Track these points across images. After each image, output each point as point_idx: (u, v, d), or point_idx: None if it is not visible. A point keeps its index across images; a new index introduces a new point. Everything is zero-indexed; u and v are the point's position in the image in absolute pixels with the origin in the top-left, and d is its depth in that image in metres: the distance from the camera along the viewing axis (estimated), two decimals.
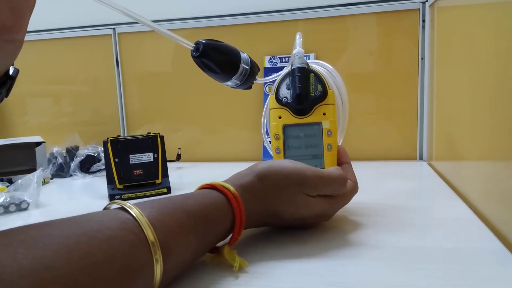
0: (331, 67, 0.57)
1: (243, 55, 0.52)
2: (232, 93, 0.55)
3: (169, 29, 0.46)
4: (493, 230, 0.45)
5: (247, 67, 0.52)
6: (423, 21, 0.92)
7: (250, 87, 0.55)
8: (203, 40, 0.49)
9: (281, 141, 0.52)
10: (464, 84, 0.64)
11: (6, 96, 0.35)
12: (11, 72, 0.34)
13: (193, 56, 0.49)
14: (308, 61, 0.54)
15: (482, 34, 0.54)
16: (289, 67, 0.53)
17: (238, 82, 0.53)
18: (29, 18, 0.30)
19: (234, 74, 0.51)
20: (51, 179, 0.92)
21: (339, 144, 0.58)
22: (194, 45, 0.49)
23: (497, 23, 0.49)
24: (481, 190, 0.55)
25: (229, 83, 0.53)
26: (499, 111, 0.47)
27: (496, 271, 0.35)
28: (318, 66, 0.57)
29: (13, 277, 0.22)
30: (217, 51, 0.50)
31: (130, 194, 0.70)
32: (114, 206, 0.34)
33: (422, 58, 0.93)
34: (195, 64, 0.50)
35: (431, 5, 0.88)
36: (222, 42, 0.51)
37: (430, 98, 0.91)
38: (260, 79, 0.56)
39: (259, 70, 0.55)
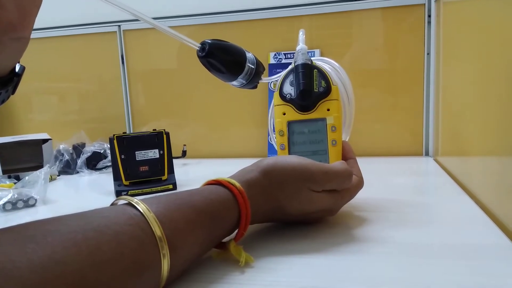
0: (336, 64, 0.57)
1: (249, 55, 0.52)
2: (237, 90, 0.55)
3: (173, 26, 0.47)
4: (500, 226, 0.45)
5: (252, 67, 0.52)
6: (429, 16, 0.92)
7: (255, 87, 0.55)
8: (209, 40, 0.49)
9: (285, 137, 0.53)
10: (470, 79, 0.63)
11: (13, 93, 0.36)
12: (17, 69, 0.34)
13: (199, 56, 0.49)
14: (313, 58, 0.54)
15: (488, 29, 0.54)
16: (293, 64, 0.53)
17: (243, 81, 0.53)
18: (36, 16, 0.31)
19: (240, 73, 0.51)
20: (58, 175, 0.93)
21: (346, 140, 0.58)
22: (200, 45, 0.49)
23: (504, 18, 0.48)
24: (487, 186, 0.55)
25: (234, 82, 0.53)
26: (506, 106, 0.47)
27: (503, 267, 0.35)
28: (323, 63, 0.57)
29: (23, 272, 0.23)
30: (223, 51, 0.50)
31: (136, 191, 0.71)
32: (121, 202, 0.34)
33: (427, 54, 0.93)
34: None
35: (437, 0, 0.88)
36: (227, 41, 0.51)
37: (436, 94, 0.90)
38: (265, 79, 0.56)
39: (264, 69, 0.55)
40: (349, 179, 0.46)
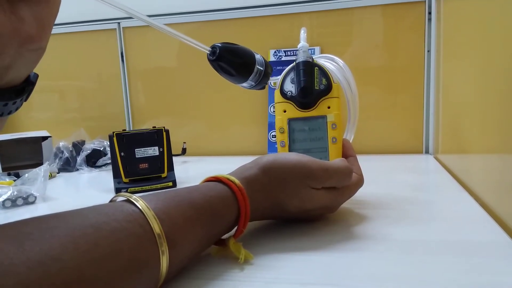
0: (341, 61, 0.57)
1: (257, 56, 0.52)
2: (237, 88, 0.55)
3: (173, 24, 0.46)
4: (499, 224, 0.45)
5: (261, 68, 0.52)
6: (429, 13, 0.92)
7: (263, 87, 0.55)
8: (219, 43, 0.49)
9: (286, 134, 0.52)
10: (470, 77, 0.63)
11: (26, 100, 0.36)
12: (31, 77, 0.34)
13: (209, 60, 0.49)
14: (319, 55, 0.54)
15: (489, 26, 0.54)
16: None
17: (253, 83, 0.53)
18: (53, 26, 0.31)
19: (249, 76, 0.51)
20: (58, 173, 0.93)
21: (352, 138, 0.58)
22: (210, 49, 0.49)
23: (504, 15, 0.48)
24: (487, 184, 0.55)
25: (244, 84, 0.53)
26: (506, 104, 0.46)
27: (503, 265, 0.35)
28: (328, 60, 0.57)
29: (20, 268, 0.23)
30: (233, 54, 0.50)
31: (136, 188, 0.71)
32: (120, 198, 0.34)
33: (428, 51, 0.93)
34: (201, 59, 0.50)
35: None
36: (237, 44, 0.51)
37: (436, 91, 0.90)
38: (273, 79, 0.56)
39: (272, 70, 0.55)
40: (349, 177, 0.46)
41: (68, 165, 0.95)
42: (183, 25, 1.06)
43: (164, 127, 0.74)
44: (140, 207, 0.31)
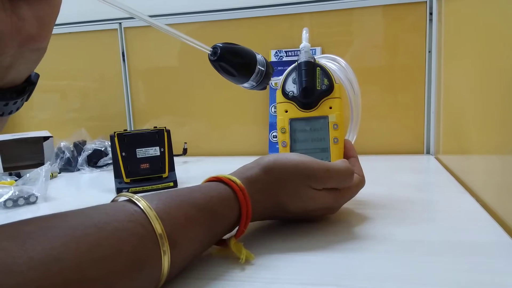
0: (343, 61, 0.57)
1: (259, 57, 0.52)
2: (238, 88, 0.55)
3: (173, 24, 0.46)
4: (500, 224, 0.45)
5: (262, 69, 0.52)
6: (431, 14, 0.92)
7: (264, 88, 0.55)
8: (220, 44, 0.49)
9: (287, 134, 0.53)
10: (471, 77, 0.63)
11: (26, 100, 0.36)
12: (32, 77, 0.35)
13: (210, 60, 0.49)
14: (320, 55, 0.54)
15: (490, 27, 0.54)
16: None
17: (254, 83, 0.53)
18: (53, 27, 0.31)
19: (250, 76, 0.52)
20: (59, 173, 0.93)
21: (354, 138, 0.58)
22: (211, 49, 0.49)
23: (505, 16, 0.48)
24: (488, 184, 0.55)
25: (245, 84, 0.53)
26: (507, 104, 0.46)
27: (504, 265, 0.35)
28: (330, 60, 0.57)
29: (22, 267, 0.23)
30: (234, 54, 0.50)
31: (137, 188, 0.71)
32: (122, 198, 0.34)
33: (429, 52, 0.93)
34: (202, 59, 0.50)
35: None
36: (238, 44, 0.51)
37: (437, 92, 0.90)
38: (274, 79, 0.56)
39: (273, 70, 0.55)
40: (351, 178, 0.46)
41: (69, 165, 0.95)
42: (184, 25, 1.06)
43: (165, 127, 0.74)
44: (142, 207, 0.31)
